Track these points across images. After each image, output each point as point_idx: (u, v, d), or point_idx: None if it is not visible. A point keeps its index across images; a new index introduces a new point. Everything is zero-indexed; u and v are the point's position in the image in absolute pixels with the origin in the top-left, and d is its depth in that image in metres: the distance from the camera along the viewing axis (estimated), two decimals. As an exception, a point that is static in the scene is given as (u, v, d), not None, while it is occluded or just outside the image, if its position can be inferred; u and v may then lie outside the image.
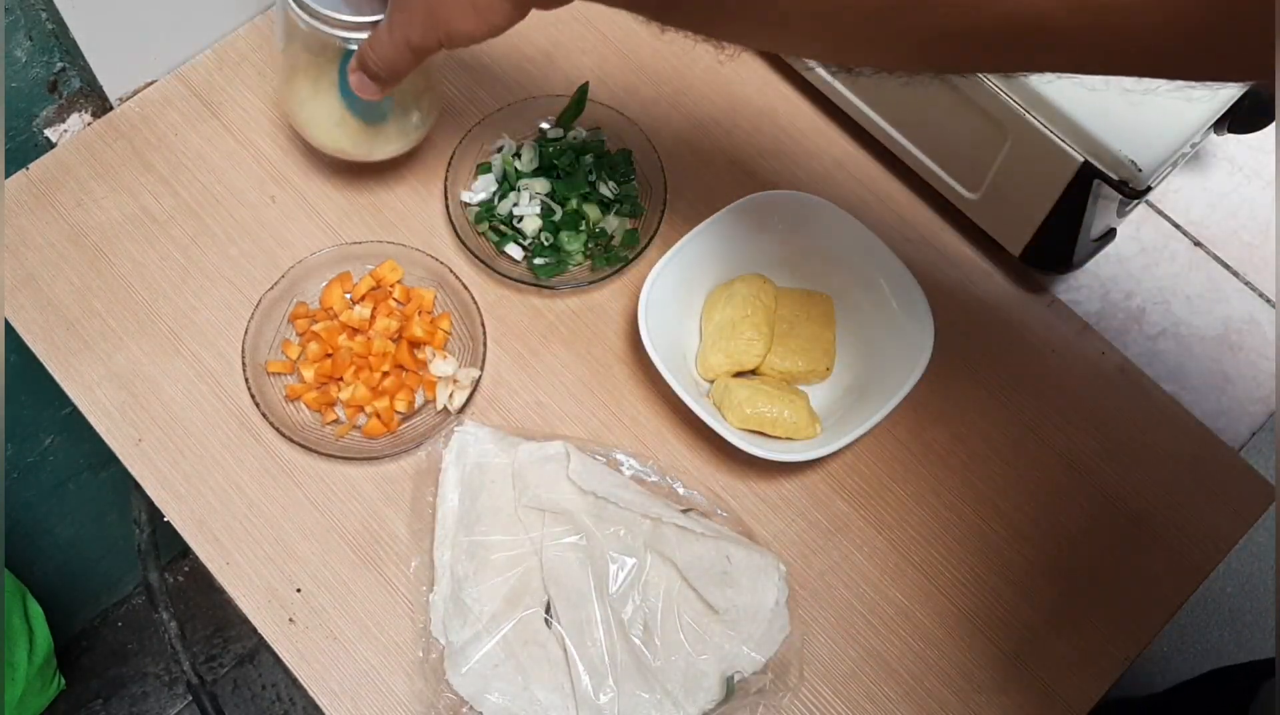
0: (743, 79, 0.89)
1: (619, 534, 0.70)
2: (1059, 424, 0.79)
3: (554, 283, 0.79)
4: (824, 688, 0.71)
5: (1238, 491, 0.78)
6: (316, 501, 0.74)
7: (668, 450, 0.77)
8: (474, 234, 0.81)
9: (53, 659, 1.28)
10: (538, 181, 0.81)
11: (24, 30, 0.78)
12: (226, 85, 0.86)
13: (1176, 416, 0.80)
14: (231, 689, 1.51)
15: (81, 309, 0.78)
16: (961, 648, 0.72)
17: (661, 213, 0.80)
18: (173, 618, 0.93)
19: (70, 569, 1.36)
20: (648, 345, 0.71)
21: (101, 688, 1.50)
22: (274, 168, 0.84)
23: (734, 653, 0.69)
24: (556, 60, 0.88)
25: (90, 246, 0.80)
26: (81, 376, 0.77)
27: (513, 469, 0.72)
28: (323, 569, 0.72)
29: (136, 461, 0.75)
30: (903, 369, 0.73)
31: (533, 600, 0.69)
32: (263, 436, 0.75)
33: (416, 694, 0.68)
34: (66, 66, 0.82)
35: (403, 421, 0.76)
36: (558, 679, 0.67)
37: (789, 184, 0.85)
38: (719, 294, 0.78)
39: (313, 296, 0.78)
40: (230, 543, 0.73)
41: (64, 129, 0.85)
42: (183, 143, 0.84)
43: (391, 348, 0.76)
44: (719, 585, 0.69)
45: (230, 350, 0.77)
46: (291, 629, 0.71)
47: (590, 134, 0.83)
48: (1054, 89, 0.69)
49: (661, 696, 0.66)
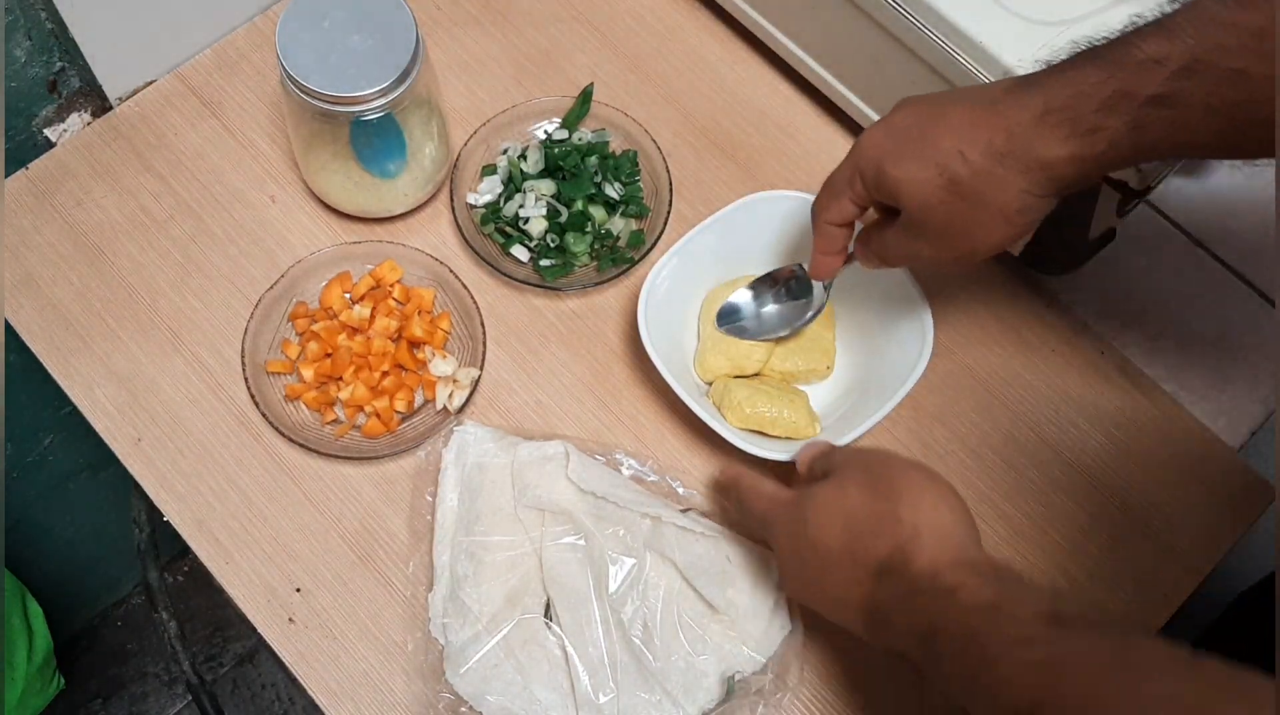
0: (743, 79, 0.89)
1: (618, 534, 0.69)
2: (1059, 424, 0.79)
3: (560, 284, 0.79)
4: (824, 688, 0.71)
5: (1237, 491, 0.78)
6: (316, 501, 0.74)
7: (667, 450, 0.77)
8: (479, 236, 0.81)
9: (52, 659, 1.28)
10: (543, 183, 0.81)
11: (24, 30, 0.78)
12: (226, 85, 0.86)
13: (1176, 416, 0.80)
14: (231, 689, 1.51)
15: (81, 309, 0.78)
16: (961, 648, 0.72)
17: (667, 214, 0.80)
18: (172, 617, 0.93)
19: (70, 569, 1.36)
20: (648, 345, 0.71)
21: (101, 688, 1.50)
22: (274, 168, 0.84)
23: (734, 653, 0.69)
24: (559, 62, 0.88)
25: (90, 246, 0.80)
26: (81, 376, 0.77)
27: (512, 469, 0.72)
28: (322, 569, 0.72)
29: (136, 461, 0.75)
30: (903, 369, 0.73)
31: (532, 600, 0.68)
32: (262, 436, 0.75)
33: (415, 694, 0.68)
34: (66, 66, 0.82)
35: (402, 421, 0.76)
36: (557, 679, 0.67)
37: (789, 184, 0.84)
38: (719, 293, 0.78)
39: (312, 296, 0.78)
40: (230, 542, 0.72)
41: (64, 129, 0.84)
42: (182, 143, 0.84)
43: (391, 347, 0.76)
44: (719, 585, 0.69)
45: (230, 350, 0.77)
46: (291, 629, 0.71)
47: (595, 135, 0.83)
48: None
49: (661, 696, 0.66)
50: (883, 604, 0.58)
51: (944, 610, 0.54)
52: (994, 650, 0.50)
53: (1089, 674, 0.46)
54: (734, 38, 0.90)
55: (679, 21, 0.91)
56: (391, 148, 0.77)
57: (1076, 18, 0.70)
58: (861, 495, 0.60)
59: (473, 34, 0.89)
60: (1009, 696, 0.48)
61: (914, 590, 0.56)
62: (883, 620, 0.58)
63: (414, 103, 0.74)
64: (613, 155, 0.83)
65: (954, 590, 0.54)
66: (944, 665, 0.53)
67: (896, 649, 0.57)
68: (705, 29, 0.91)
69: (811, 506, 0.62)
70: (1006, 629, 0.50)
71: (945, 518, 0.59)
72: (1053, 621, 0.49)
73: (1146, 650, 0.46)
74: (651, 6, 0.91)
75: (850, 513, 0.60)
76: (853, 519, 0.60)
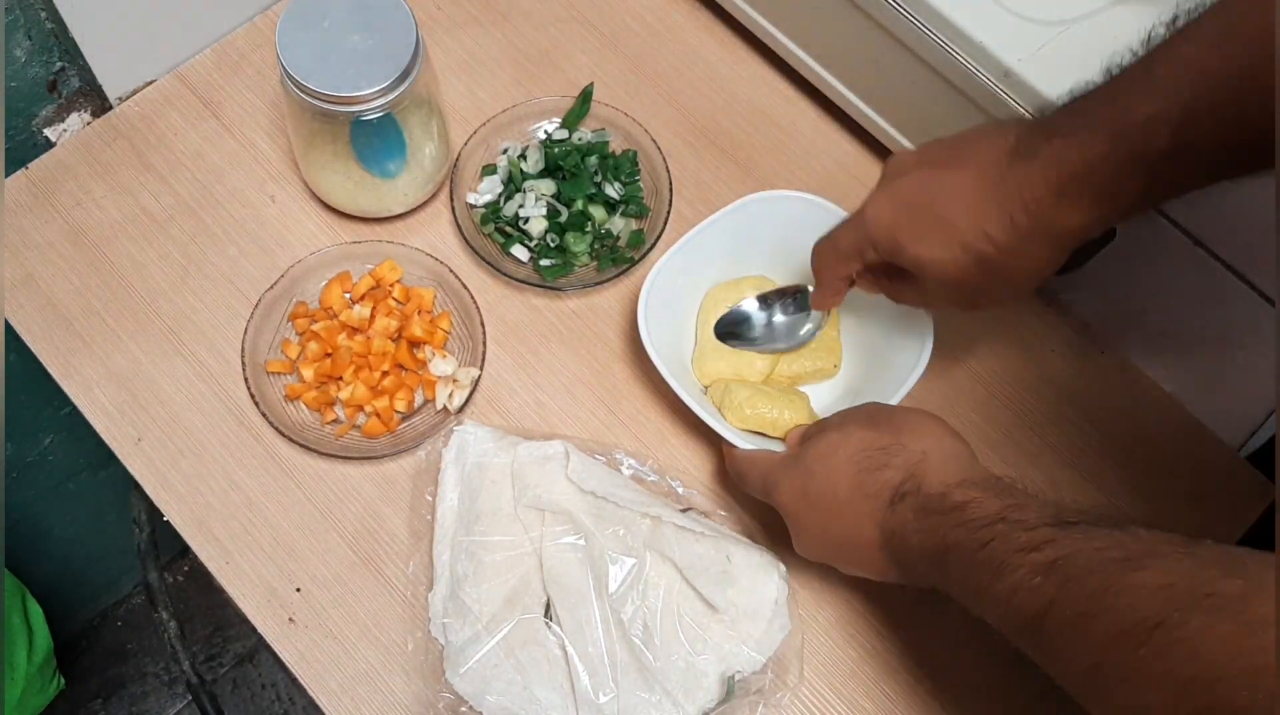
0: (743, 79, 0.89)
1: (618, 534, 0.69)
2: (1059, 424, 0.79)
3: (560, 284, 0.79)
4: (824, 687, 0.71)
5: (1237, 491, 0.78)
6: (316, 501, 0.74)
7: (667, 450, 0.77)
8: (479, 236, 0.81)
9: (52, 659, 1.28)
10: (543, 183, 0.81)
11: (24, 30, 0.78)
12: (226, 85, 0.86)
13: (1176, 416, 0.80)
14: (231, 689, 1.51)
15: (81, 309, 0.78)
16: (961, 649, 0.72)
17: (667, 213, 0.80)
18: (172, 617, 0.93)
19: (70, 569, 1.36)
20: (648, 346, 0.71)
21: (101, 687, 1.50)
22: (274, 167, 0.84)
23: (734, 652, 0.69)
24: (559, 62, 0.88)
25: (90, 246, 0.80)
26: (81, 376, 0.77)
27: (512, 469, 0.72)
28: (322, 569, 0.72)
29: (136, 461, 0.75)
30: (903, 369, 0.73)
31: (532, 600, 0.68)
32: (262, 436, 0.75)
33: (415, 694, 0.68)
34: (66, 66, 0.82)
35: (402, 421, 0.76)
36: (557, 679, 0.67)
37: (789, 184, 0.85)
38: (718, 293, 0.78)
39: (312, 296, 0.78)
40: (230, 542, 0.72)
41: (64, 129, 0.84)
42: (182, 142, 0.84)
43: (391, 347, 0.76)
44: (719, 585, 0.69)
45: (230, 350, 0.77)
46: (291, 629, 0.71)
47: (595, 135, 0.83)
48: (1054, 89, 0.69)
49: (661, 696, 0.66)
50: (898, 531, 0.59)
51: (954, 527, 0.55)
52: (1003, 558, 0.51)
53: (1092, 570, 0.47)
54: (734, 38, 0.90)
55: (679, 21, 0.91)
56: (391, 148, 0.77)
57: (1076, 17, 0.71)
58: (866, 433, 0.62)
59: (473, 34, 0.89)
60: (1020, 600, 0.50)
61: (926, 510, 0.57)
62: (900, 549, 0.59)
63: (414, 103, 0.74)
64: (613, 155, 0.83)
65: (963, 506, 0.55)
66: (959, 581, 0.55)
67: (916, 578, 0.59)
68: (705, 29, 0.91)
69: (815, 456, 0.64)
70: (1014, 537, 0.52)
71: (949, 441, 0.61)
72: (1056, 524, 0.51)
73: (1145, 540, 0.47)
74: (651, 6, 0.91)
75: (856, 451, 0.62)
76: (860, 456, 0.61)
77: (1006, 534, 0.52)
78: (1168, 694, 0.42)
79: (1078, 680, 0.47)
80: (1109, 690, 0.45)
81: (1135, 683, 0.44)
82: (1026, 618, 0.50)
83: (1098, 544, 0.48)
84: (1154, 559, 0.45)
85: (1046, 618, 0.48)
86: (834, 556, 0.65)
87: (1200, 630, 0.41)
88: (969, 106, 0.74)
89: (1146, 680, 0.43)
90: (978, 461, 0.61)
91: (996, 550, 0.52)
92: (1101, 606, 0.45)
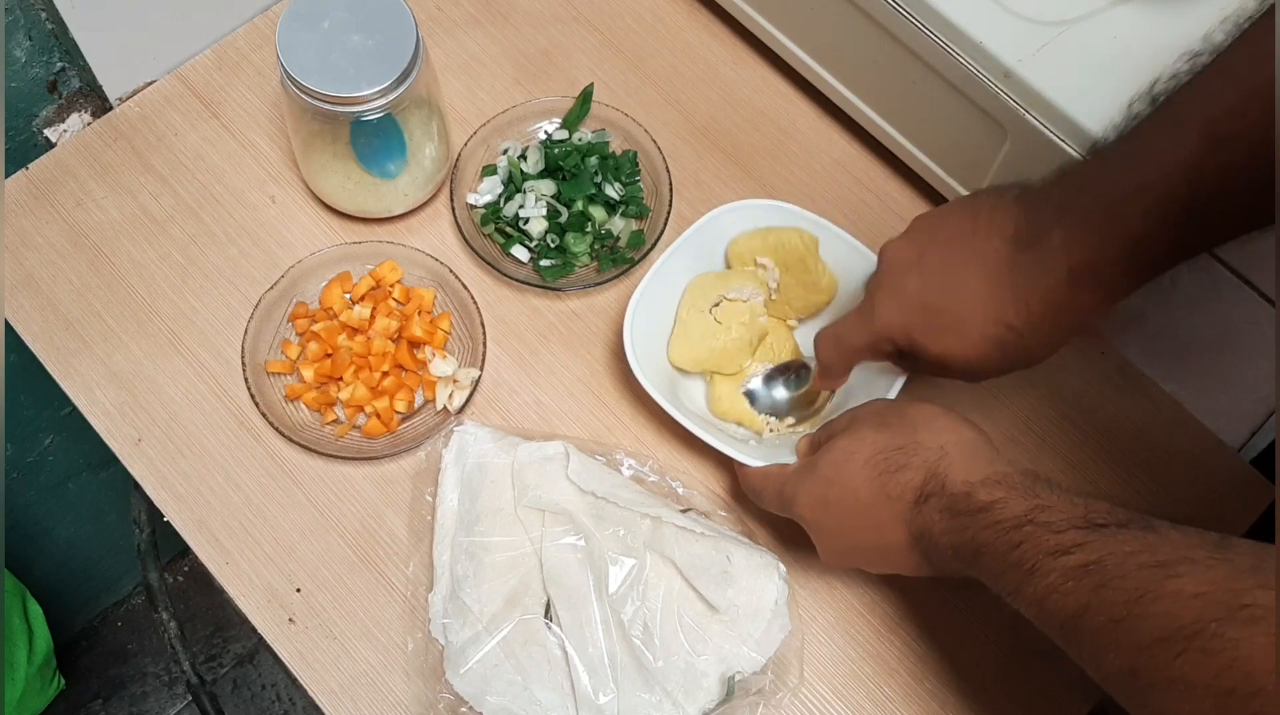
0: (743, 79, 0.89)
1: (619, 534, 0.69)
2: (1059, 424, 0.79)
3: (560, 284, 0.79)
4: (824, 688, 0.71)
5: (1237, 491, 0.78)
6: (316, 501, 0.74)
7: (667, 450, 0.77)
8: (479, 236, 0.81)
9: (52, 659, 1.28)
10: (543, 183, 0.81)
11: (24, 30, 0.78)
12: (226, 85, 0.86)
13: (1176, 416, 0.80)
14: (231, 689, 1.51)
15: (81, 309, 0.78)
16: (961, 648, 0.72)
17: (667, 214, 0.80)
18: (172, 618, 0.93)
19: (70, 569, 1.36)
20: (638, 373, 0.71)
21: (101, 688, 1.50)
22: (274, 168, 0.84)
23: (734, 653, 0.69)
24: (559, 62, 0.88)
25: (90, 246, 0.80)
26: (81, 376, 0.77)
27: (512, 469, 0.72)
28: (322, 569, 0.72)
29: (136, 461, 0.75)
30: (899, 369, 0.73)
31: (532, 601, 0.68)
32: (262, 436, 0.75)
33: (415, 694, 0.68)
34: (66, 66, 0.82)
35: (402, 421, 0.76)
36: (557, 679, 0.67)
37: (789, 184, 0.85)
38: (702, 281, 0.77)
39: (312, 296, 0.78)
40: (230, 543, 0.72)
41: (64, 129, 0.84)
42: (182, 143, 0.84)
43: (391, 348, 0.76)
44: (719, 585, 0.69)
45: (230, 350, 0.77)
46: (291, 629, 0.71)
47: (595, 135, 0.83)
48: (1054, 89, 0.69)
49: (661, 697, 0.66)
50: (926, 531, 0.59)
51: (983, 529, 0.55)
52: (1034, 561, 0.51)
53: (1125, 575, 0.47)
54: (734, 38, 0.90)
55: (679, 21, 0.91)
56: (391, 148, 0.77)
57: (1076, 18, 0.70)
58: (880, 435, 0.62)
59: (473, 34, 0.89)
60: (1054, 604, 0.50)
61: (953, 511, 0.57)
62: (931, 548, 0.59)
63: (414, 103, 0.74)
64: (613, 155, 0.83)
65: (989, 506, 0.55)
66: (993, 580, 0.55)
67: (951, 573, 0.59)
68: (705, 29, 0.91)
69: (829, 464, 0.63)
70: (1043, 540, 0.52)
71: (967, 434, 0.61)
72: (1086, 526, 0.51)
73: (1176, 542, 0.47)
74: (651, 6, 0.91)
75: (873, 455, 0.61)
76: (877, 458, 0.61)
77: (1035, 536, 0.52)
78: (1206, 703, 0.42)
79: (1115, 682, 0.47)
80: (1147, 695, 0.45)
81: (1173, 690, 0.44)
82: (1061, 620, 0.50)
83: (1128, 547, 0.48)
84: (1187, 565, 0.45)
85: (1082, 621, 0.48)
86: (864, 561, 0.65)
87: (1237, 642, 0.41)
88: (969, 106, 0.74)
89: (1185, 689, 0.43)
90: (996, 450, 0.61)
91: (1027, 553, 0.52)
92: (1137, 613, 0.45)
